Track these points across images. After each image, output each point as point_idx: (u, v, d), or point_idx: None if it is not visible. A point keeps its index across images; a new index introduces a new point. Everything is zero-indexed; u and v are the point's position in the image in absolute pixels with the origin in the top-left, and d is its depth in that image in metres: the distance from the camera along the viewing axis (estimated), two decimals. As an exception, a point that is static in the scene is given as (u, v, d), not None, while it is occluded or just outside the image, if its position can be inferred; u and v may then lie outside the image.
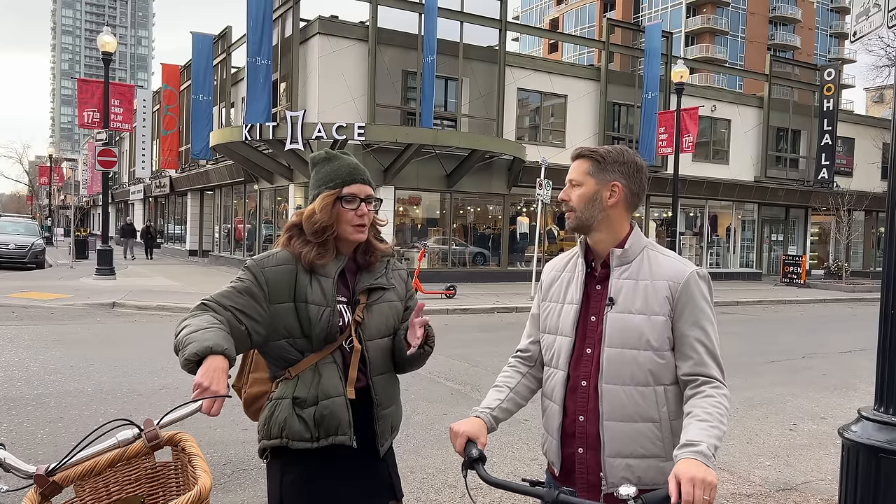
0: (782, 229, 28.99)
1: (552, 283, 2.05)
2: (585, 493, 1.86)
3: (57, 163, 51.11)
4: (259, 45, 19.14)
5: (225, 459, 4.78)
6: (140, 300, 13.45)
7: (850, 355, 10.11)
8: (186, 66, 28.70)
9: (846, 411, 6.65)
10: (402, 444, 5.03)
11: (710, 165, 25.60)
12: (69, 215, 37.03)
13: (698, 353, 1.81)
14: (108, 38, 17.14)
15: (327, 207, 2.03)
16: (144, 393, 6.50)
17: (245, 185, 25.19)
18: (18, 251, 20.61)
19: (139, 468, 1.74)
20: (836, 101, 27.03)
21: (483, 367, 8.20)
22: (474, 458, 1.79)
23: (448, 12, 19.64)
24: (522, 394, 2.07)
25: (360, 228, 2.06)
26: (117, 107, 18.48)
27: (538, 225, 17.47)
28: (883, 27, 3.00)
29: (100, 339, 9.54)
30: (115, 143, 37.92)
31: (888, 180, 2.80)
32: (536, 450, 5.03)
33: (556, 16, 79.42)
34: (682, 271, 1.85)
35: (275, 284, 2.00)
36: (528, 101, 22.68)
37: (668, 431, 1.83)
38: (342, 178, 2.06)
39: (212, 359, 1.69)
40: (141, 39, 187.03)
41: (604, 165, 1.90)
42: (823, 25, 75.98)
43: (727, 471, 4.92)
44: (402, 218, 20.79)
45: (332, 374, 2.00)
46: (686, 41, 67.87)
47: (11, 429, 5.27)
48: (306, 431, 1.97)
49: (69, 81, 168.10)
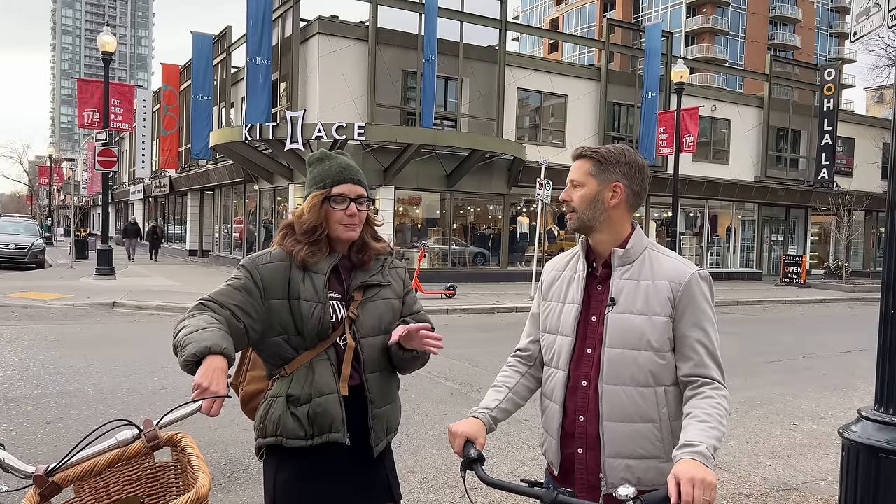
0: (782, 229, 28.99)
1: (553, 282, 2.05)
2: (585, 494, 1.85)
3: (57, 163, 51.12)
4: (259, 45, 19.14)
5: (225, 459, 4.77)
6: (140, 300, 13.44)
7: (850, 355, 10.10)
8: (186, 66, 28.70)
9: (846, 411, 6.65)
10: (402, 444, 5.03)
11: (710, 165, 25.59)
12: (69, 215, 37.03)
13: (699, 354, 1.81)
14: (108, 38, 17.14)
15: (315, 207, 2.05)
16: (144, 393, 6.50)
17: (245, 185, 25.19)
18: (18, 251, 20.61)
19: (139, 468, 1.74)
20: (837, 101, 27.02)
21: (483, 367, 8.20)
22: (473, 458, 1.79)
23: (448, 12, 19.64)
24: (521, 394, 2.06)
25: (350, 227, 2.07)
26: (117, 107, 18.48)
27: (538, 225, 17.47)
28: (883, 27, 3.00)
29: (100, 339, 9.53)
30: (115, 143, 37.94)
31: (888, 180, 2.80)
32: (536, 450, 5.03)
33: (556, 16, 79.41)
34: (684, 272, 1.85)
35: (269, 281, 2.01)
36: (528, 101, 22.68)
37: (668, 432, 1.83)
38: (332, 178, 2.07)
39: (211, 359, 1.69)
40: (141, 39, 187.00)
41: (605, 166, 1.89)
42: (823, 25, 75.97)
43: (727, 471, 4.91)
44: (402, 218, 20.77)
45: (326, 372, 2.00)
46: (686, 41, 67.86)
47: (11, 429, 5.26)
48: (300, 429, 1.97)
49: (69, 81, 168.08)
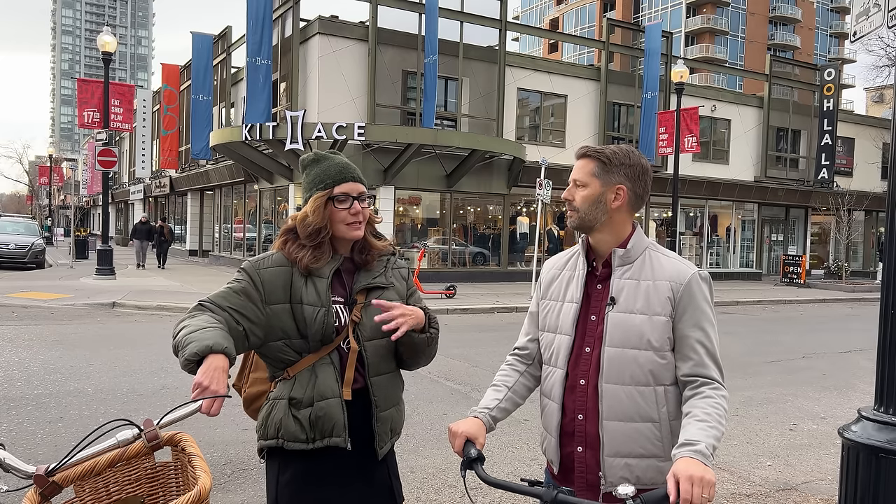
0: (782, 229, 28.99)
1: (552, 281, 2.05)
2: (584, 493, 1.85)
3: (57, 163, 51.10)
4: (259, 45, 19.14)
5: (225, 459, 4.78)
6: (140, 300, 13.44)
7: (850, 355, 10.10)
8: (186, 66, 28.70)
9: (846, 411, 6.65)
10: (402, 444, 5.03)
11: (710, 165, 25.59)
12: (69, 215, 37.03)
13: (698, 354, 1.81)
14: (108, 38, 17.13)
15: (319, 209, 2.02)
16: (144, 393, 6.50)
17: (245, 185, 25.19)
18: (18, 251, 20.62)
19: (139, 468, 1.74)
20: (836, 101, 27.01)
21: (483, 367, 8.20)
22: (473, 458, 1.79)
23: (448, 12, 19.64)
24: (520, 392, 2.06)
25: (355, 226, 2.05)
26: (117, 107, 18.48)
27: (538, 225, 17.45)
28: (883, 27, 3.00)
29: (100, 339, 9.53)
30: (115, 143, 37.93)
31: (888, 180, 2.79)
32: (536, 449, 5.03)
33: (556, 16, 79.39)
34: (684, 272, 1.85)
35: (270, 286, 2.00)
36: (528, 101, 22.68)
37: (667, 431, 1.83)
38: (332, 177, 2.04)
39: (212, 358, 1.69)
40: (141, 39, 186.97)
41: (609, 167, 1.89)
42: (823, 25, 75.96)
43: (727, 471, 4.91)
44: (402, 218, 20.79)
45: (329, 375, 1.99)
46: (686, 41, 67.85)
47: (11, 429, 5.26)
48: (301, 432, 1.96)
49: (69, 81, 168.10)
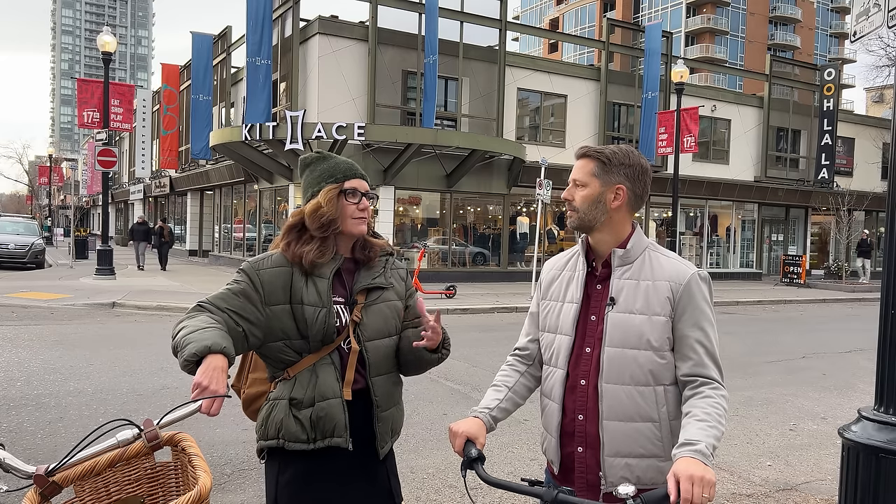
0: (782, 229, 28.99)
1: (552, 281, 2.05)
2: (585, 493, 1.86)
3: (57, 163, 51.11)
4: (259, 45, 19.14)
5: (225, 459, 4.78)
6: (140, 300, 13.44)
7: (850, 355, 10.10)
8: (186, 66, 28.69)
9: (846, 411, 6.65)
10: (402, 444, 5.02)
11: (710, 165, 25.59)
12: (69, 215, 37.03)
13: (698, 354, 1.81)
14: (108, 38, 17.13)
15: (333, 200, 2.04)
16: (144, 393, 6.50)
17: (245, 185, 25.19)
18: (18, 251, 20.62)
19: (139, 468, 1.74)
20: (836, 101, 27.01)
21: (483, 367, 8.20)
22: (473, 458, 1.80)
23: (448, 12, 19.63)
24: (521, 393, 2.06)
25: (361, 221, 2.08)
26: (117, 107, 18.47)
27: (538, 225, 17.45)
28: (883, 27, 3.00)
29: (100, 339, 9.53)
30: (115, 143, 37.93)
31: (888, 180, 2.79)
32: (536, 449, 5.03)
33: (556, 16, 79.40)
34: (684, 272, 1.85)
35: (270, 286, 2.00)
36: (528, 101, 22.67)
37: (667, 431, 1.83)
38: (343, 172, 2.08)
39: (211, 358, 1.69)
40: (141, 39, 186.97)
41: (609, 167, 1.89)
42: (823, 25, 75.97)
43: (727, 471, 4.91)
44: (402, 218, 20.79)
45: (329, 376, 1.99)
46: (686, 41, 67.85)
47: (11, 429, 5.26)
48: (302, 433, 1.97)
49: (69, 81, 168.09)
